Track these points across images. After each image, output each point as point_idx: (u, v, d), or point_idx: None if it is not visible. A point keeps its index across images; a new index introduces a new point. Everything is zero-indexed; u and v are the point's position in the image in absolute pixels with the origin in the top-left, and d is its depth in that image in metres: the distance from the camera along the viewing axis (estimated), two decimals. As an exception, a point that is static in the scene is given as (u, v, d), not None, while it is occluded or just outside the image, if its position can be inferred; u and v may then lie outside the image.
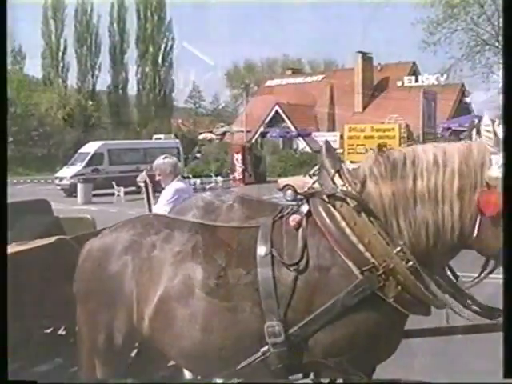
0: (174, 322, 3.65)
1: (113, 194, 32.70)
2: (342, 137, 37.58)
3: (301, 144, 53.48)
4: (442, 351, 6.34)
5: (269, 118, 57.87)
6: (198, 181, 33.85)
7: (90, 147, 39.29)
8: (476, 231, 3.26)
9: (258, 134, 57.03)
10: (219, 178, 38.77)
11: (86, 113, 66.85)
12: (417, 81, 54.41)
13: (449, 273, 3.69)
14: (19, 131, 57.35)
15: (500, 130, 3.16)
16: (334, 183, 3.54)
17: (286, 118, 56.81)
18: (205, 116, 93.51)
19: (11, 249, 4.96)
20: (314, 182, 3.79)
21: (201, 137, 65.45)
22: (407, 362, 4.96)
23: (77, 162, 38.19)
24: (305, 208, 3.63)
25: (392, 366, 3.79)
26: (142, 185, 7.20)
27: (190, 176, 33.02)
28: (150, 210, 6.93)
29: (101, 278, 3.91)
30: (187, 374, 4.91)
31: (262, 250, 3.56)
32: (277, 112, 57.48)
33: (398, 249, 3.31)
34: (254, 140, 55.02)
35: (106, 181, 35.01)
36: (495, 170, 3.17)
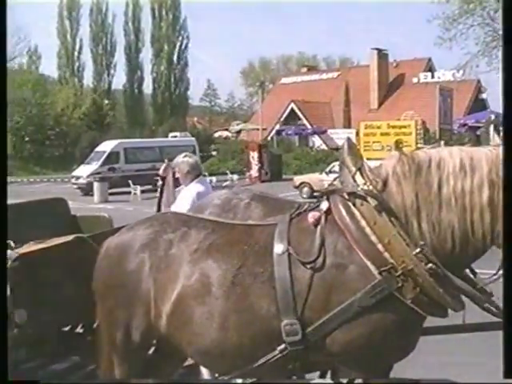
0: (192, 320, 3.65)
1: (129, 193, 32.79)
2: (357, 134, 37.38)
3: (316, 141, 53.40)
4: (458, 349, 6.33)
5: (284, 115, 57.88)
6: (214, 179, 33.87)
7: (106, 146, 39.32)
8: None
9: (273, 131, 57.04)
10: (235, 176, 38.79)
11: (102, 112, 67.19)
12: (433, 77, 54.15)
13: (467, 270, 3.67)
14: (35, 130, 57.69)
15: None
16: (354, 181, 3.51)
17: (301, 116, 56.78)
18: (220, 114, 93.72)
19: (29, 247, 4.99)
20: (334, 179, 3.76)
21: (216, 135, 65.60)
22: (424, 359, 4.93)
23: (93, 161, 38.23)
24: (324, 205, 3.60)
25: (410, 363, 3.77)
26: (160, 182, 7.06)
27: (206, 174, 33.01)
28: (159, 207, 6.74)
29: (119, 276, 3.92)
30: (204, 372, 4.92)
31: (278, 247, 3.54)
32: (292, 109, 57.47)
33: (418, 250, 3.27)
34: (269, 138, 55.02)
35: (122, 179, 35.06)
36: None
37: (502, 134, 3.44)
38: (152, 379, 4.22)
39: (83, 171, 37.12)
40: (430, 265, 3.25)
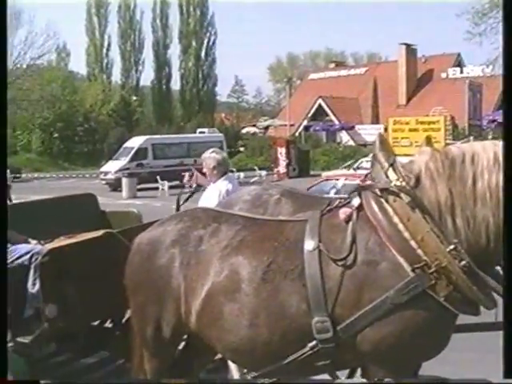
0: (221, 317, 3.64)
1: (157, 189, 32.92)
2: (386, 129, 37.19)
3: (344, 137, 53.25)
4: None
5: (312, 111, 57.79)
6: (242, 174, 33.92)
7: (135, 142, 39.60)
8: None
9: (301, 127, 56.96)
10: (263, 172, 38.79)
11: (130, 108, 67.58)
12: (462, 72, 53.74)
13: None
14: (65, 127, 58.21)
15: None
16: (387, 177, 3.47)
17: (329, 112, 56.64)
18: (247, 110, 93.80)
19: (59, 243, 5.02)
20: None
21: (244, 131, 65.67)
22: (454, 357, 4.87)
23: (121, 157, 38.49)
24: (356, 201, 3.56)
25: (439, 360, 3.71)
26: (186, 179, 7.01)
27: (234, 170, 33.09)
28: (177, 207, 6.64)
29: (149, 271, 3.92)
30: (233, 367, 4.91)
31: (309, 244, 3.51)
32: (320, 105, 57.36)
33: (452, 247, 3.23)
34: (297, 133, 54.98)
35: (150, 175, 35.31)
36: None
37: (502, 133, 3.39)
38: (184, 380, 4.22)
39: (111, 167, 37.40)
40: (464, 262, 3.21)
